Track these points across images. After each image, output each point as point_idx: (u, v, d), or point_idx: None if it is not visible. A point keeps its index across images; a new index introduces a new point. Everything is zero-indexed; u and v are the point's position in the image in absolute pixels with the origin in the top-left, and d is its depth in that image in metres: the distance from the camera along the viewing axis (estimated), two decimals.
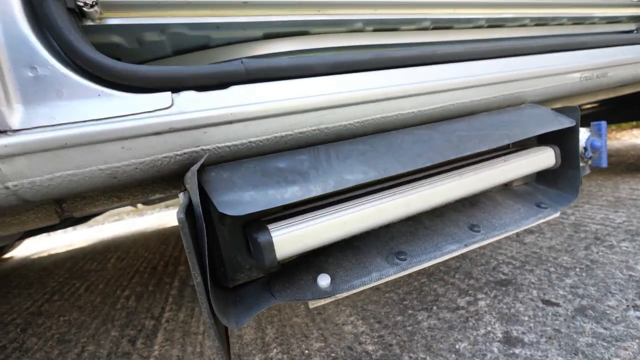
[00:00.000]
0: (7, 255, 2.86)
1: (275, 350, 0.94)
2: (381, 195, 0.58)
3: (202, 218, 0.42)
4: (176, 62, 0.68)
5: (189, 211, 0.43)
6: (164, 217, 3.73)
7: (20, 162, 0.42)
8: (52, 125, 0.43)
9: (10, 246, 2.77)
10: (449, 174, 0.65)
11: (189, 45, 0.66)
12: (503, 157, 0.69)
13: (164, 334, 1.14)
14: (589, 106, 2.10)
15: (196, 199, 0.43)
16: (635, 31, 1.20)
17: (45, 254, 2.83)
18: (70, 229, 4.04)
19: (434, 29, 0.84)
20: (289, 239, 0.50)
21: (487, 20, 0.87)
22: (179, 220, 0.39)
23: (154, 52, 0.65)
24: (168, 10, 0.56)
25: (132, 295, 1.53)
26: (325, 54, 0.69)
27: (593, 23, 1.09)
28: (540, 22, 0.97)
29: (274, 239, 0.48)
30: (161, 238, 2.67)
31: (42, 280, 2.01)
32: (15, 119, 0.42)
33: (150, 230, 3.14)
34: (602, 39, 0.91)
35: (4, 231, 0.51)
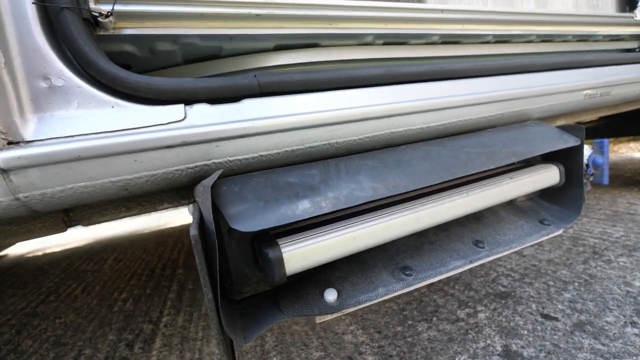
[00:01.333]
0: (1, 254, 2.82)
1: (274, 359, 0.94)
2: (390, 211, 0.58)
3: (215, 234, 0.42)
4: (186, 70, 0.68)
5: (200, 226, 0.43)
6: (161, 217, 3.70)
7: (33, 174, 0.41)
8: (66, 137, 0.43)
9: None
10: (457, 190, 0.65)
11: (200, 55, 0.66)
12: (509, 174, 0.70)
13: (162, 339, 1.13)
14: (588, 120, 2.12)
15: (208, 215, 0.43)
16: (637, 49, 1.22)
17: (40, 253, 2.79)
18: None
19: (442, 43, 0.85)
20: (298, 255, 0.50)
21: (495, 36, 0.89)
22: (193, 237, 0.39)
23: (165, 60, 0.65)
24: (182, 21, 0.56)
25: (129, 298, 1.52)
26: (337, 68, 0.69)
27: (597, 40, 1.11)
28: (546, 38, 0.99)
29: (284, 255, 0.48)
30: (159, 240, 2.65)
31: (37, 280, 1.98)
32: (28, 130, 0.42)
33: (148, 231, 3.11)
34: (606, 58, 0.92)
35: (11, 240, 0.51)
